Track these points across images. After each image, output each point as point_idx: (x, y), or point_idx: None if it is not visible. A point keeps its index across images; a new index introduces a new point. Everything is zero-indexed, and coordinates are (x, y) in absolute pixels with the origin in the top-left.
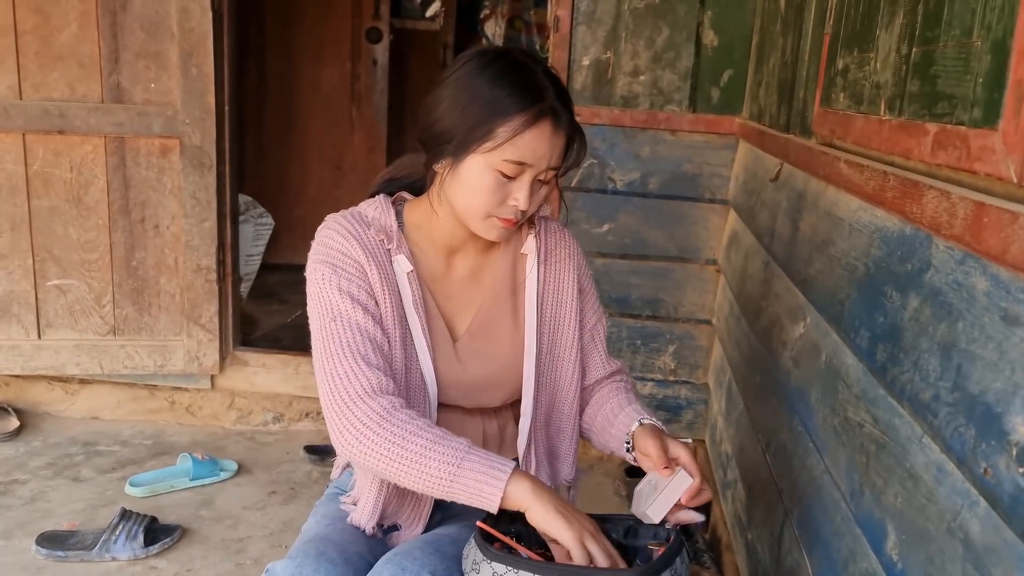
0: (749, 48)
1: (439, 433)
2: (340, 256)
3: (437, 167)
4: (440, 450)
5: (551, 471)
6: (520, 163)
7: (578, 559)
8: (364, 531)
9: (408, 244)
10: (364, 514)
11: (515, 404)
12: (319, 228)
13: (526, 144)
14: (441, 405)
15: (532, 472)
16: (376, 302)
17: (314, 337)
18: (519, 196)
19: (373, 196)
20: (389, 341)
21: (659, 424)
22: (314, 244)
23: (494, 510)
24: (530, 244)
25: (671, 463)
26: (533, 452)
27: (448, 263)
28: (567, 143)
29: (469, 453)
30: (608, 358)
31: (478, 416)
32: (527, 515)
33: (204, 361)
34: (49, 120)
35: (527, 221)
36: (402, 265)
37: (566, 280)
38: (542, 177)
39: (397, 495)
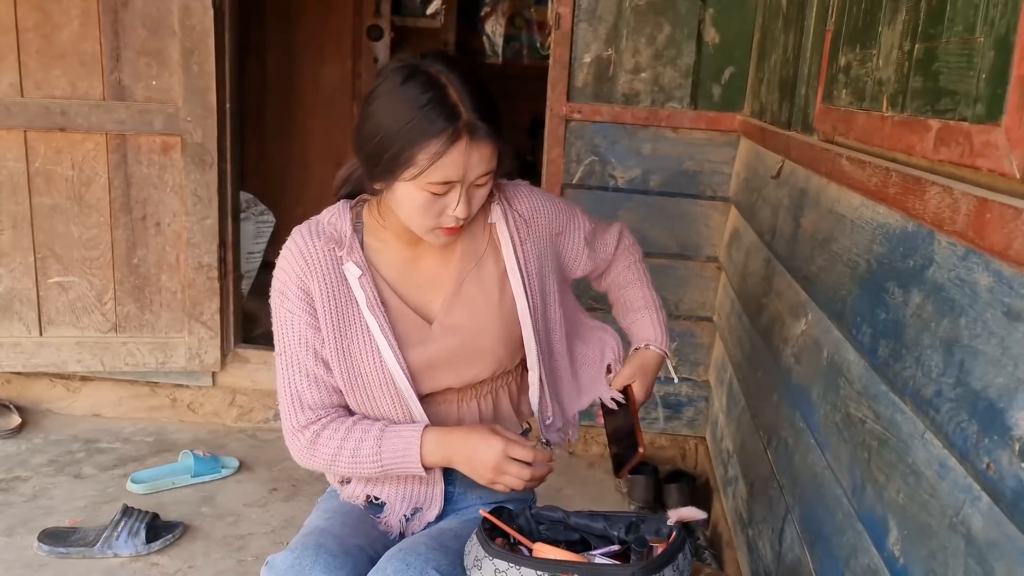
0: (751, 45)
1: (356, 439)
2: (285, 283)
3: (376, 186)
4: (363, 455)
5: (562, 411)
6: (445, 183)
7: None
8: (367, 524)
9: (370, 241)
10: (356, 490)
11: (505, 376)
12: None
13: (447, 166)
14: (430, 395)
15: (548, 417)
16: (318, 322)
17: None
18: (456, 208)
19: (338, 197)
20: (345, 348)
21: (654, 349)
22: (276, 264)
23: (423, 474)
24: (496, 213)
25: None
26: (548, 400)
27: (412, 253)
28: (496, 149)
29: (382, 441)
30: (604, 237)
31: (472, 398)
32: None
33: (205, 358)
34: (51, 118)
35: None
36: (352, 271)
37: (540, 234)
38: (477, 183)
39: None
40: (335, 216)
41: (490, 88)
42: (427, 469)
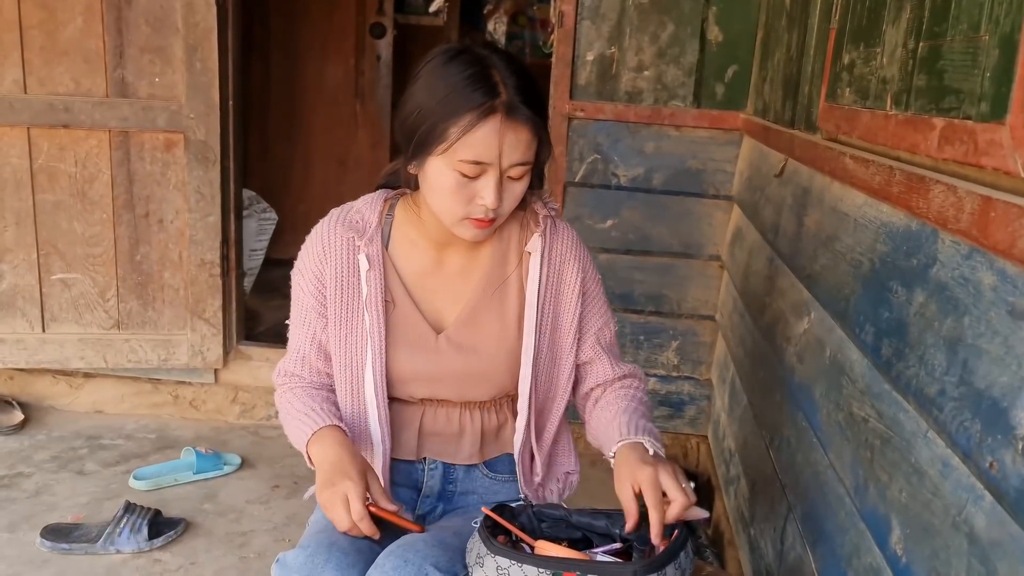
0: (754, 43)
1: (298, 397)
2: (303, 265)
3: (411, 168)
4: (292, 412)
5: (549, 464)
6: (476, 162)
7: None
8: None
9: (397, 236)
10: None
11: (511, 402)
12: None
13: (478, 142)
14: (426, 400)
15: (529, 467)
16: (325, 304)
17: None
18: (486, 195)
19: (377, 186)
20: (344, 336)
21: (648, 445)
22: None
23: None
24: (535, 243)
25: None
26: (529, 449)
27: (438, 257)
28: (535, 137)
29: (307, 415)
30: (617, 362)
31: (467, 410)
32: None
33: (208, 355)
34: (54, 114)
35: (533, 219)
36: (362, 264)
37: (568, 282)
38: (511, 174)
39: None
40: (366, 205)
41: (536, 79)
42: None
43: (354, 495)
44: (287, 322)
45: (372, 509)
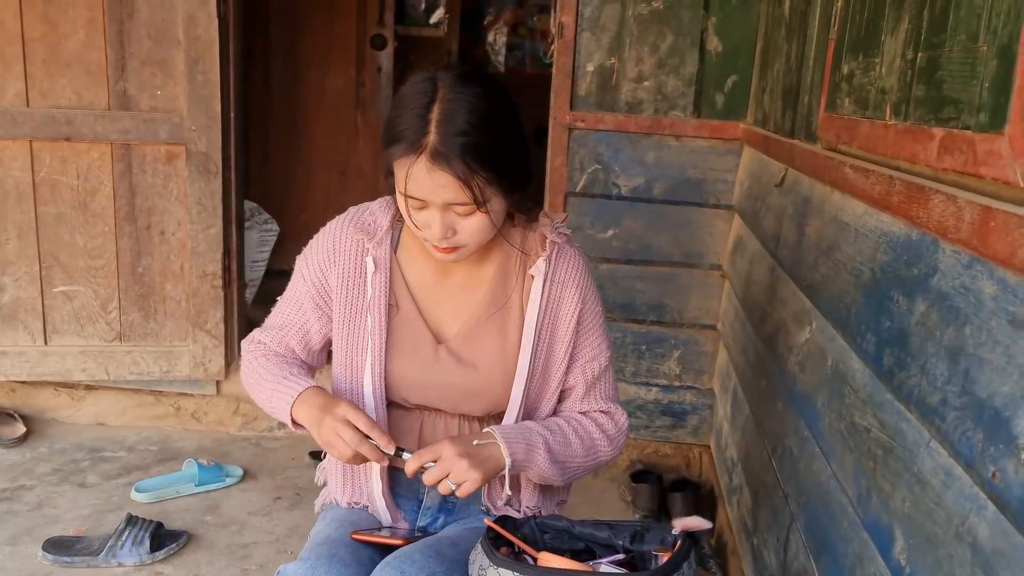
0: (753, 54)
1: (273, 363)
2: (313, 253)
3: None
4: (268, 377)
5: (539, 489)
6: (410, 196)
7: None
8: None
9: (407, 241)
10: (338, 490)
11: (500, 417)
12: None
13: (407, 179)
14: (421, 407)
15: (521, 486)
16: (325, 299)
17: None
18: (431, 226)
19: None
20: (346, 336)
21: (497, 434)
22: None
23: (289, 424)
24: (538, 267)
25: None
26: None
27: (443, 268)
28: (464, 184)
29: (286, 379)
30: (595, 397)
31: (466, 421)
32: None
33: (210, 367)
34: (56, 127)
35: (540, 242)
36: (369, 266)
37: (566, 310)
38: (457, 211)
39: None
40: (380, 208)
41: (505, 126)
42: (295, 424)
43: (342, 425)
44: (278, 298)
45: (359, 537)
